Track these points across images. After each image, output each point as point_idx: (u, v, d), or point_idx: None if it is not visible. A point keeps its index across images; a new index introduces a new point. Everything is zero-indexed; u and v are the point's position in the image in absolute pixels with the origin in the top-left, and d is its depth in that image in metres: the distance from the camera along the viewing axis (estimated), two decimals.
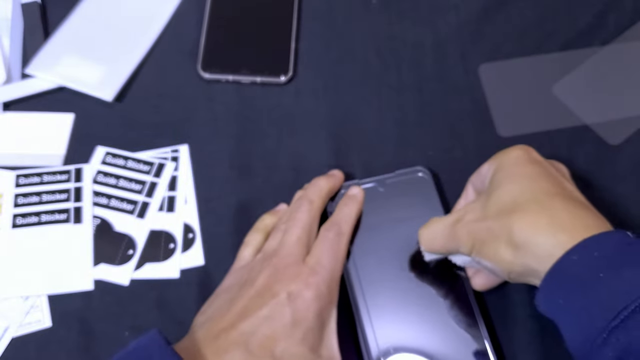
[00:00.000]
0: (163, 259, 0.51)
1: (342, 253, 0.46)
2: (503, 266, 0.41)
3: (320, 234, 0.47)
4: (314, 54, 0.60)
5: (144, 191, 0.54)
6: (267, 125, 0.57)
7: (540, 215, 0.40)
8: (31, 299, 0.50)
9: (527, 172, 0.43)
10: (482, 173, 0.47)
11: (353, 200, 0.50)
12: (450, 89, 0.58)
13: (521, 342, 0.48)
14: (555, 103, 0.57)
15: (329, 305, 0.44)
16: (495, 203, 0.42)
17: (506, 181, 0.43)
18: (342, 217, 0.48)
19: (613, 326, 0.35)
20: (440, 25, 0.61)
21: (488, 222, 0.42)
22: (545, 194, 0.41)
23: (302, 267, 0.44)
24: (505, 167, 0.44)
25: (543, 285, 0.39)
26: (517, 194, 0.42)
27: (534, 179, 0.42)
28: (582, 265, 0.37)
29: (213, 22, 0.60)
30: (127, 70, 0.58)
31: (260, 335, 0.41)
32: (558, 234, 0.38)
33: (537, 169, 0.43)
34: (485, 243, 0.41)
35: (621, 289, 0.36)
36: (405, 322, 0.47)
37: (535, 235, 0.39)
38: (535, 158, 0.44)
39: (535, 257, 0.39)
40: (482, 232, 0.42)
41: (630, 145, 0.55)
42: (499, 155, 0.46)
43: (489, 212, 0.42)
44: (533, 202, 0.40)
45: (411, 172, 0.52)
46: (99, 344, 0.49)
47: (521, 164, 0.44)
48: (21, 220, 0.52)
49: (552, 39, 0.60)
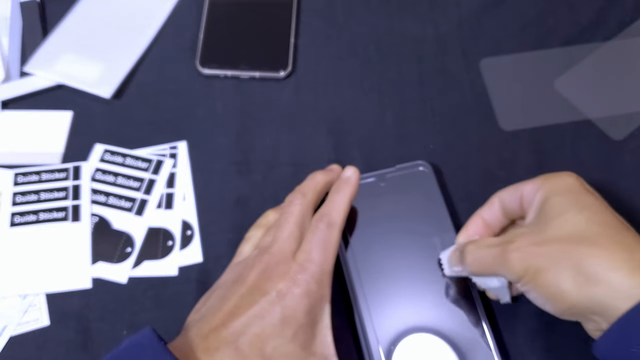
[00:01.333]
0: (161, 257, 0.51)
1: (334, 245, 0.45)
2: (562, 298, 0.38)
3: (311, 226, 0.45)
4: (313, 49, 0.59)
5: (142, 188, 0.53)
6: (267, 120, 0.56)
7: (616, 251, 0.37)
8: (29, 298, 0.50)
9: (589, 203, 0.41)
10: (525, 194, 0.44)
11: (346, 184, 0.48)
12: (451, 83, 0.58)
13: (525, 339, 0.47)
14: (558, 97, 0.57)
15: (321, 301, 0.43)
16: (557, 231, 0.40)
17: (567, 209, 0.41)
18: (333, 206, 0.46)
19: None
20: (441, 19, 0.60)
21: (549, 249, 0.39)
22: (614, 229, 0.39)
23: (291, 264, 0.43)
24: (562, 193, 0.42)
25: (615, 327, 0.37)
26: (582, 224, 0.39)
27: (598, 212, 0.40)
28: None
29: (211, 17, 0.60)
30: (126, 68, 0.58)
31: (250, 334, 0.41)
32: (635, 272, 0.36)
33: (594, 200, 0.41)
34: (543, 271, 0.39)
35: None
36: (406, 317, 0.46)
37: (612, 270, 0.37)
38: (589, 189, 0.42)
39: (610, 293, 0.37)
40: (541, 259, 0.39)
41: (633, 141, 0.55)
42: (549, 179, 0.43)
43: (549, 238, 0.40)
44: (604, 236, 0.38)
45: (412, 167, 0.51)
46: (97, 342, 0.48)
47: (579, 193, 0.41)
48: (19, 219, 0.52)
49: (553, 35, 0.60)
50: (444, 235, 0.48)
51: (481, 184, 0.53)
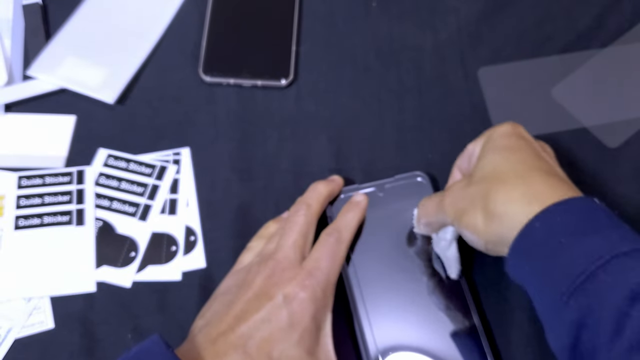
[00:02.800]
0: (165, 262, 0.52)
1: (340, 259, 0.47)
2: (480, 235, 0.41)
3: (321, 238, 0.47)
4: (314, 57, 0.60)
5: (146, 194, 0.54)
6: (268, 128, 0.57)
7: (516, 186, 0.40)
8: (34, 301, 0.50)
9: (511, 145, 0.44)
10: (467, 152, 0.48)
11: (356, 207, 0.50)
12: (449, 92, 0.58)
13: (519, 345, 0.48)
14: (554, 106, 0.58)
15: (324, 309, 0.44)
16: (478, 172, 0.43)
17: (490, 152, 0.44)
18: (344, 224, 0.48)
19: (572, 289, 0.36)
20: (440, 28, 0.61)
21: (469, 191, 0.42)
22: (525, 166, 0.42)
23: (298, 270, 0.44)
24: (491, 139, 0.45)
25: (510, 252, 0.40)
26: (497, 163, 0.43)
27: (516, 151, 0.43)
28: (545, 232, 0.38)
29: (214, 25, 0.60)
30: (129, 73, 0.58)
31: (257, 338, 0.42)
32: (531, 204, 0.39)
33: (520, 142, 0.44)
34: (464, 212, 0.42)
35: (580, 254, 0.36)
36: (404, 325, 0.47)
37: (509, 204, 0.40)
38: (521, 133, 0.45)
39: (508, 227, 0.39)
40: (462, 200, 0.43)
41: (629, 148, 0.56)
42: (487, 132, 0.46)
43: (471, 181, 0.43)
44: (511, 173, 0.41)
45: (410, 177, 0.52)
46: (101, 346, 0.49)
47: (506, 137, 0.44)
48: (23, 222, 0.53)
49: (551, 42, 0.60)
50: None
51: None
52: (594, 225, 0.38)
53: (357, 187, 0.52)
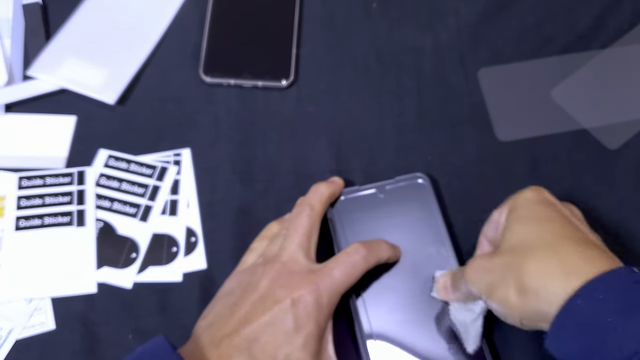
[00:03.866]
0: (166, 263, 0.52)
1: (356, 277, 0.46)
2: (514, 312, 0.40)
3: (351, 248, 0.46)
4: (314, 59, 0.60)
5: (146, 194, 0.54)
6: (269, 129, 0.57)
7: (550, 259, 0.39)
8: (35, 302, 0.50)
9: (537, 215, 0.42)
10: (493, 220, 0.46)
11: (394, 248, 0.49)
12: (449, 93, 0.58)
13: (518, 345, 0.49)
14: (554, 107, 0.58)
15: (328, 317, 0.44)
16: (505, 245, 0.42)
17: (515, 223, 0.42)
18: (376, 249, 0.47)
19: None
20: (440, 30, 0.61)
21: (498, 265, 0.41)
22: (556, 237, 0.40)
23: (306, 275, 0.44)
24: (516, 209, 0.43)
25: (552, 329, 0.38)
26: (526, 236, 0.41)
27: (544, 221, 0.41)
28: (588, 310, 0.36)
29: (215, 26, 0.60)
30: (130, 74, 0.58)
31: (262, 341, 0.42)
32: (568, 278, 0.37)
33: (547, 210, 0.42)
34: (495, 287, 0.40)
35: (630, 334, 0.35)
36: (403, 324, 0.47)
37: (546, 279, 0.38)
38: (547, 199, 0.43)
39: (546, 302, 0.38)
40: (491, 275, 0.41)
41: (628, 150, 0.56)
42: (511, 198, 0.45)
43: (499, 254, 0.42)
44: (543, 246, 0.40)
45: (410, 179, 0.52)
46: (102, 346, 0.49)
47: (532, 206, 0.43)
48: (24, 223, 0.53)
49: (551, 43, 0.60)
50: (439, 248, 0.50)
51: (478, 195, 0.54)
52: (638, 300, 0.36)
53: (357, 188, 0.52)
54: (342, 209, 0.51)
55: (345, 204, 0.51)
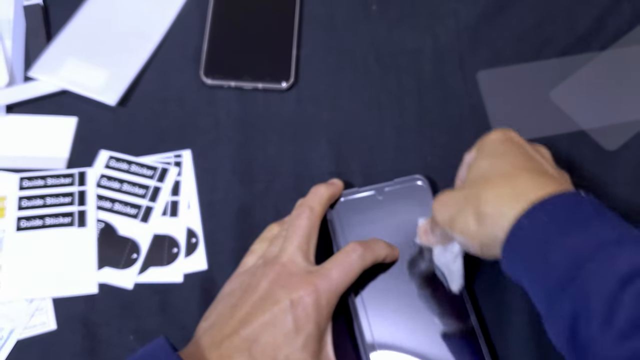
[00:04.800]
0: (166, 263, 0.52)
1: (354, 276, 0.46)
2: (473, 239, 0.41)
3: (345, 248, 0.47)
4: (315, 61, 0.60)
5: (147, 195, 0.54)
6: (269, 131, 0.57)
7: (504, 186, 0.41)
8: (36, 302, 0.51)
9: (499, 150, 0.44)
10: (465, 162, 0.48)
11: (392, 248, 0.49)
12: (449, 95, 0.59)
13: (517, 349, 0.49)
14: (553, 109, 0.58)
15: (327, 317, 0.44)
16: (471, 178, 0.43)
17: (479, 159, 0.44)
18: (373, 247, 0.48)
19: (564, 283, 0.36)
20: (440, 31, 0.61)
21: (459, 198, 0.43)
22: (514, 167, 0.42)
23: (305, 276, 0.44)
24: (483, 146, 0.45)
25: (502, 252, 0.40)
26: (487, 168, 0.43)
27: (504, 156, 0.43)
28: (533, 229, 0.38)
29: (215, 28, 0.61)
30: (130, 75, 0.58)
31: (262, 342, 0.42)
32: (519, 202, 0.39)
33: (511, 146, 0.44)
34: (457, 217, 0.42)
35: (568, 247, 0.37)
36: (403, 327, 0.47)
37: (499, 204, 0.40)
38: (512, 137, 0.45)
39: (498, 226, 0.40)
40: (453, 206, 0.43)
41: (627, 151, 0.56)
42: (479, 141, 0.47)
43: (464, 187, 0.44)
44: (499, 175, 0.42)
45: (409, 181, 0.52)
46: (103, 347, 0.49)
47: (497, 143, 0.45)
48: (25, 223, 0.53)
49: (551, 45, 0.60)
50: None
51: None
52: (580, 218, 0.38)
53: (356, 190, 0.52)
54: (341, 210, 0.51)
55: (345, 205, 0.51)
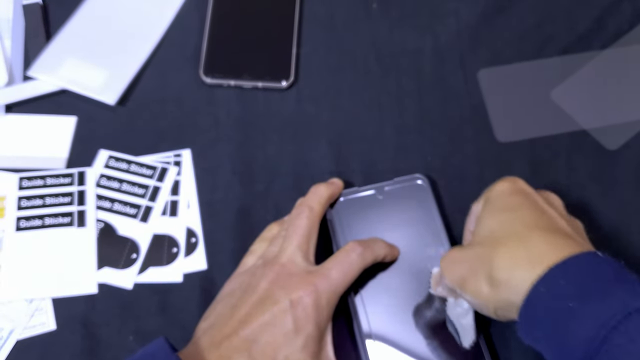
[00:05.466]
0: (166, 263, 0.52)
1: (354, 276, 0.46)
2: (487, 303, 0.40)
3: (345, 248, 0.46)
4: (315, 60, 0.60)
5: (147, 195, 0.54)
6: (269, 130, 0.57)
7: (517, 249, 0.39)
8: (35, 302, 0.50)
9: (509, 204, 0.42)
10: (472, 213, 0.46)
11: (391, 247, 0.49)
12: (449, 94, 0.58)
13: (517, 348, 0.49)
14: (554, 108, 0.58)
15: (327, 317, 0.44)
16: (476, 237, 0.42)
17: (487, 215, 0.43)
18: (373, 246, 0.47)
19: (588, 357, 0.34)
20: (440, 31, 0.61)
21: (469, 257, 0.41)
22: (525, 226, 0.40)
23: (304, 276, 0.44)
24: (490, 201, 0.44)
25: (520, 319, 0.38)
26: (496, 227, 0.41)
27: (514, 211, 0.41)
28: (551, 297, 0.36)
29: (215, 27, 0.60)
30: (130, 74, 0.58)
31: (262, 343, 0.42)
32: (534, 267, 0.37)
33: (519, 199, 0.42)
34: (467, 280, 0.41)
35: (591, 317, 0.35)
36: (403, 327, 0.47)
37: (513, 269, 0.38)
38: (521, 188, 0.43)
39: (514, 293, 0.38)
40: (463, 268, 0.41)
41: (628, 150, 0.56)
42: (486, 192, 0.45)
43: (472, 245, 0.42)
44: (511, 236, 0.40)
45: (409, 180, 0.52)
46: (102, 347, 0.49)
47: (504, 197, 0.43)
48: (25, 223, 0.53)
49: (551, 44, 0.60)
50: (438, 248, 0.50)
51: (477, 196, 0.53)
52: (600, 283, 0.36)
53: (356, 189, 0.52)
54: (341, 210, 0.51)
55: (345, 205, 0.51)
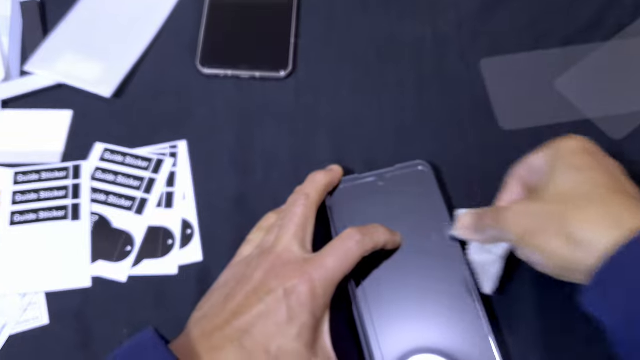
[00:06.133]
0: (161, 255, 0.51)
1: (351, 264, 0.44)
2: (554, 260, 0.39)
3: (343, 234, 0.45)
4: (313, 49, 0.60)
5: (142, 187, 0.54)
6: (267, 120, 0.56)
7: (599, 211, 0.38)
8: (29, 296, 0.50)
9: (586, 163, 0.42)
10: (528, 164, 0.45)
11: (393, 233, 0.48)
12: (451, 83, 0.58)
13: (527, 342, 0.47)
14: (558, 97, 0.57)
15: (323, 306, 0.43)
16: (552, 192, 0.41)
17: (564, 170, 0.42)
18: (373, 232, 0.46)
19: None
20: (440, 21, 0.61)
21: (542, 211, 0.40)
22: (606, 189, 0.40)
23: (299, 265, 0.43)
24: (563, 156, 0.43)
25: (592, 281, 0.37)
26: (575, 184, 0.40)
27: (594, 171, 0.41)
28: (632, 265, 0.36)
29: (212, 16, 0.60)
30: (126, 67, 0.58)
31: (255, 332, 0.41)
32: (616, 231, 0.37)
33: (590, 159, 0.42)
34: (537, 233, 0.40)
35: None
36: (407, 319, 0.46)
37: (594, 230, 0.38)
38: (593, 150, 0.43)
39: (589, 252, 0.37)
40: (534, 221, 0.41)
41: (633, 140, 0.55)
42: (554, 145, 0.44)
43: (545, 201, 0.41)
44: (592, 196, 0.39)
45: (411, 166, 0.51)
46: (97, 341, 0.48)
47: (579, 155, 0.42)
48: (19, 218, 0.52)
49: (552, 35, 0.60)
50: (443, 235, 0.48)
51: (480, 184, 0.53)
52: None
53: (356, 176, 0.51)
54: (341, 197, 0.50)
55: (345, 192, 0.50)
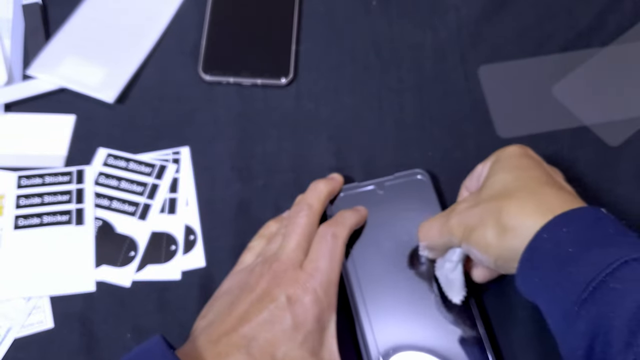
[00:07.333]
0: (164, 261, 0.52)
1: (339, 256, 0.46)
2: (490, 251, 0.41)
3: (318, 236, 0.47)
4: (314, 56, 0.60)
5: (145, 193, 0.54)
6: (268, 127, 0.57)
7: (528, 200, 0.40)
8: (33, 300, 0.50)
9: (520, 164, 0.44)
10: (476, 172, 0.48)
11: (357, 212, 0.50)
12: (449, 90, 0.58)
13: (520, 343, 0.48)
14: (555, 104, 0.57)
15: (328, 309, 0.44)
16: (487, 191, 0.43)
17: (500, 171, 0.44)
18: (342, 221, 0.48)
19: (583, 299, 0.36)
20: (440, 26, 0.61)
21: (479, 209, 0.42)
22: (536, 182, 0.42)
23: (300, 272, 0.44)
24: (501, 160, 0.45)
25: (519, 265, 0.39)
26: (508, 181, 0.43)
27: (527, 170, 0.43)
28: (553, 242, 0.38)
29: (214, 24, 0.60)
30: (129, 72, 0.58)
31: (261, 340, 0.41)
32: (543, 216, 0.39)
33: (529, 161, 0.44)
34: (474, 229, 0.42)
35: (589, 262, 0.36)
36: (404, 323, 0.47)
37: (522, 217, 0.40)
38: (530, 154, 0.45)
39: (520, 239, 0.39)
40: (472, 218, 0.42)
41: (630, 147, 0.56)
42: (495, 153, 0.46)
43: (480, 200, 0.43)
44: (523, 189, 0.41)
45: (410, 175, 0.52)
46: (100, 345, 0.49)
47: (516, 158, 0.45)
48: (23, 222, 0.53)
49: (551, 40, 0.60)
50: None
51: None
52: (601, 233, 0.38)
53: (357, 185, 0.52)
54: (341, 205, 0.51)
55: (345, 200, 0.51)
